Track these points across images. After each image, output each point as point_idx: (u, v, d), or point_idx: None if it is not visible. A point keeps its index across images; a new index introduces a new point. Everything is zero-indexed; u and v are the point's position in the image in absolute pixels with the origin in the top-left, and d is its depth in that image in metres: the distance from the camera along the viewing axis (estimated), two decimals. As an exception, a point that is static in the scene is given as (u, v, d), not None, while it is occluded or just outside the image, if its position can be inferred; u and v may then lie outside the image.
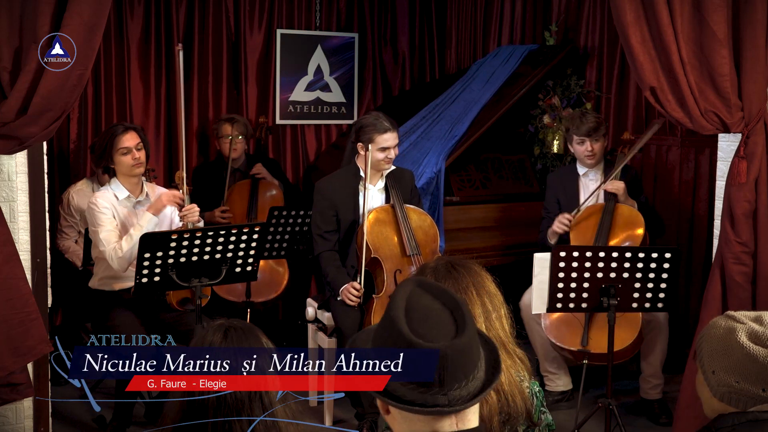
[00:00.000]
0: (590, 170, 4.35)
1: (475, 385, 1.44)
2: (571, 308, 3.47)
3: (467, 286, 2.09)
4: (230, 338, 1.79)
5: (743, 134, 3.34)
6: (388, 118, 4.04)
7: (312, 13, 5.97)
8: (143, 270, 3.43)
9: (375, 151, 3.97)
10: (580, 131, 4.25)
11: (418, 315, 1.43)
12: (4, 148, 3.05)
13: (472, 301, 2.07)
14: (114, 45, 5.29)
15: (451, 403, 1.40)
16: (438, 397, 1.39)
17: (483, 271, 2.15)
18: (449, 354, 1.38)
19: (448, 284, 2.07)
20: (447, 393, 1.40)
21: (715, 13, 3.24)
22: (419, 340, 1.39)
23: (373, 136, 3.96)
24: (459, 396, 1.40)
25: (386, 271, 3.93)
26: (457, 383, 1.40)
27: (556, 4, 5.55)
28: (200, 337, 1.82)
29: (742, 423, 1.79)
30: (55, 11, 2.97)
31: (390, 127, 3.98)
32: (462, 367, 1.41)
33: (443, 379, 1.39)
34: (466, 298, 2.07)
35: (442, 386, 1.39)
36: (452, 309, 1.45)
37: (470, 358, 1.43)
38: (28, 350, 3.11)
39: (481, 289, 2.10)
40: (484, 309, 2.08)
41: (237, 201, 5.09)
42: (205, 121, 5.64)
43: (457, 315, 1.44)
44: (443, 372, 1.38)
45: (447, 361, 1.38)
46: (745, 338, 1.80)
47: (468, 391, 1.42)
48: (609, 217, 4.11)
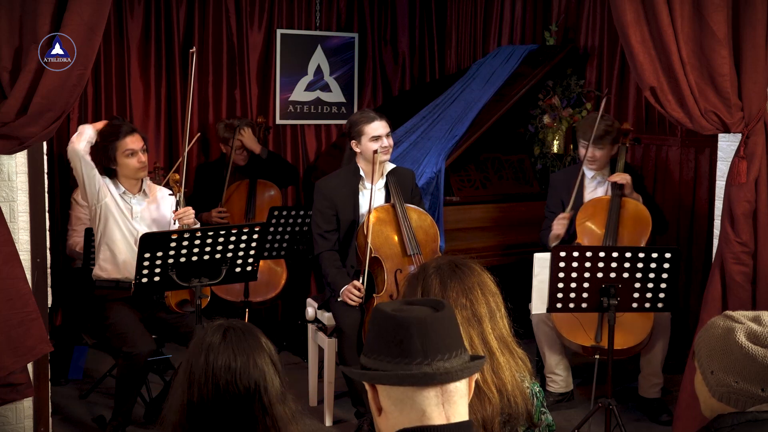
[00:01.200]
0: (597, 173, 4.35)
1: (459, 362, 1.47)
2: (571, 308, 3.47)
3: (473, 285, 2.08)
4: (229, 338, 1.79)
5: (743, 134, 3.34)
6: (374, 110, 4.12)
7: (312, 13, 5.97)
8: (143, 270, 3.43)
9: (367, 142, 3.98)
10: (585, 136, 4.25)
11: (402, 305, 1.52)
12: (4, 148, 3.05)
13: (478, 301, 2.06)
14: (114, 45, 5.29)
15: (437, 372, 1.43)
16: (423, 366, 1.43)
17: (484, 271, 2.15)
18: (429, 322, 1.45)
19: (454, 284, 2.06)
20: (431, 363, 1.44)
21: (715, 13, 3.24)
22: (399, 314, 1.46)
23: (362, 128, 3.99)
24: (443, 368, 1.44)
25: (387, 270, 3.93)
26: (439, 354, 1.44)
27: (556, 4, 5.55)
28: (199, 338, 1.82)
29: (741, 423, 1.78)
30: (55, 11, 2.97)
31: (377, 117, 4.02)
32: (443, 340, 1.46)
33: (426, 349, 1.44)
34: (472, 297, 2.06)
35: (426, 355, 1.43)
36: (433, 303, 1.52)
37: (451, 334, 1.48)
38: (28, 350, 3.11)
39: (485, 288, 2.10)
40: (489, 308, 2.08)
41: (235, 201, 5.10)
42: (205, 121, 5.64)
43: (437, 305, 1.51)
44: (425, 340, 1.44)
45: (426, 329, 1.44)
46: (744, 338, 1.80)
47: (452, 365, 1.45)
48: (616, 212, 4.13)
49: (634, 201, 4.17)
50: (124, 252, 3.90)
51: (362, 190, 4.08)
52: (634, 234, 4.13)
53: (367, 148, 3.99)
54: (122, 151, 3.85)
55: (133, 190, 3.96)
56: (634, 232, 4.14)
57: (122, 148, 3.84)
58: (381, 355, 1.46)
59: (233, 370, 1.74)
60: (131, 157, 3.86)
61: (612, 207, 4.16)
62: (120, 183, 3.93)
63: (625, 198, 4.18)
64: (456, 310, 2.01)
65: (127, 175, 3.91)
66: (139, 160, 3.87)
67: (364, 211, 4.03)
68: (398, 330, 1.45)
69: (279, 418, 1.77)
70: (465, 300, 2.05)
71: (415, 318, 1.45)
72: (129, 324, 3.73)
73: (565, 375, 4.27)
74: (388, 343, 1.45)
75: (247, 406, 1.74)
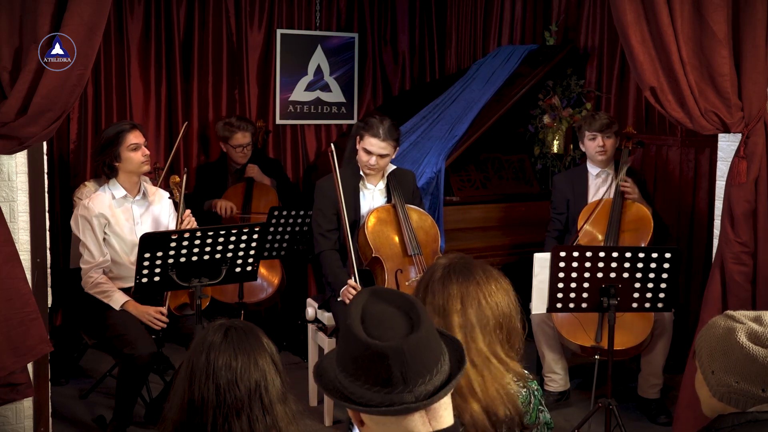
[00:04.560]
0: (602, 171, 4.37)
1: (441, 378, 1.43)
2: (571, 308, 3.47)
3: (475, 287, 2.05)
4: (230, 338, 1.78)
5: (743, 134, 3.34)
6: (391, 127, 3.94)
7: (312, 13, 5.97)
8: (143, 270, 3.43)
9: (360, 149, 3.97)
10: (593, 127, 4.30)
11: (373, 320, 1.43)
12: (4, 148, 3.05)
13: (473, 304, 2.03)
14: (114, 45, 5.29)
15: (418, 400, 1.40)
16: (404, 395, 1.39)
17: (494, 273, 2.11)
18: (406, 350, 1.38)
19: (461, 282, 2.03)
20: (412, 390, 1.39)
21: (715, 13, 3.24)
22: (375, 342, 1.39)
23: (363, 134, 3.96)
24: (425, 391, 1.40)
25: (387, 270, 3.93)
26: (420, 378, 1.40)
27: (556, 4, 5.55)
28: (201, 337, 1.82)
29: (741, 423, 1.78)
30: (55, 11, 2.97)
31: (381, 135, 3.90)
32: (422, 363, 1.41)
33: (406, 377, 1.39)
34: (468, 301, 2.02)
35: (406, 384, 1.39)
36: (407, 310, 1.45)
37: (430, 353, 1.42)
38: (28, 350, 3.11)
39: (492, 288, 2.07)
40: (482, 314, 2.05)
41: (232, 202, 5.08)
42: (205, 121, 5.64)
43: (412, 314, 1.44)
44: (404, 369, 1.38)
45: (405, 357, 1.38)
46: (745, 338, 1.80)
47: (434, 385, 1.42)
48: (618, 214, 4.14)
49: (636, 203, 4.17)
50: (125, 258, 3.91)
51: (363, 190, 4.08)
52: (636, 236, 4.13)
53: (359, 154, 3.99)
54: (127, 146, 3.86)
55: (132, 192, 3.96)
56: (635, 233, 4.14)
57: (127, 142, 3.86)
58: (359, 380, 1.41)
59: (234, 369, 1.74)
60: (135, 151, 3.87)
61: (614, 209, 4.16)
62: (120, 184, 3.93)
63: (627, 200, 4.19)
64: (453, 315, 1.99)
65: (131, 170, 3.91)
66: (144, 153, 3.89)
67: (365, 212, 4.03)
68: (374, 359, 1.39)
69: (280, 417, 1.77)
70: (459, 304, 1.99)
71: (391, 348, 1.38)
72: (129, 325, 3.73)
73: (563, 374, 4.28)
74: (366, 370, 1.40)
75: (248, 405, 1.74)
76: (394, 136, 3.96)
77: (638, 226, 4.15)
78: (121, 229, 3.91)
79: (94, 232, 3.85)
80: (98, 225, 3.86)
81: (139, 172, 3.93)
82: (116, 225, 3.90)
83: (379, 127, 3.91)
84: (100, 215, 3.86)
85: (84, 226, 3.86)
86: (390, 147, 3.95)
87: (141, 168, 3.91)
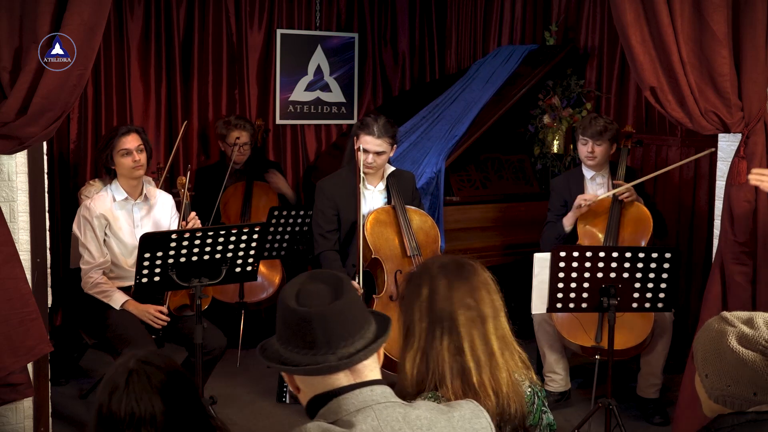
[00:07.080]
0: (597, 174, 4.36)
1: (363, 343, 1.59)
2: (571, 308, 3.47)
3: (478, 285, 2.04)
4: (131, 385, 1.74)
5: (743, 134, 3.34)
6: (386, 124, 3.95)
7: (312, 13, 5.97)
8: (143, 270, 3.43)
9: (358, 148, 3.97)
10: (586, 132, 4.29)
11: (305, 294, 1.60)
12: (4, 148, 3.05)
13: (483, 301, 2.03)
14: (114, 45, 5.29)
15: (341, 359, 1.55)
16: (328, 356, 1.55)
17: (485, 270, 2.13)
18: (328, 314, 1.55)
19: (460, 284, 2.04)
20: (335, 351, 1.56)
21: (715, 13, 3.23)
22: (302, 308, 1.56)
23: (359, 133, 3.97)
24: (347, 353, 1.56)
25: (387, 271, 3.93)
26: (342, 341, 1.56)
27: (556, 4, 5.55)
28: (109, 375, 1.79)
29: (741, 423, 1.78)
30: (55, 11, 2.97)
31: (376, 132, 3.90)
32: (345, 328, 1.57)
33: (329, 340, 1.55)
34: (478, 297, 2.02)
35: (330, 346, 1.55)
36: (334, 285, 1.62)
37: (352, 319, 1.58)
38: (28, 350, 3.11)
39: (490, 287, 2.08)
40: (494, 308, 2.06)
41: (231, 202, 5.08)
42: (205, 121, 5.64)
43: (338, 288, 1.61)
44: (327, 332, 1.55)
45: (327, 321, 1.55)
46: (735, 342, 1.78)
47: (356, 348, 1.57)
48: (617, 214, 4.14)
49: (636, 203, 4.18)
50: (123, 261, 3.91)
51: (363, 191, 4.08)
52: (635, 236, 4.13)
53: (358, 153, 3.99)
54: (117, 151, 3.87)
55: (133, 194, 3.96)
56: (635, 233, 4.14)
57: (118, 147, 3.87)
58: (290, 345, 1.58)
59: (135, 416, 1.72)
60: (126, 157, 3.87)
61: (613, 208, 4.16)
62: (121, 186, 3.93)
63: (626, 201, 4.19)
64: (461, 311, 2.00)
65: (125, 175, 3.92)
66: (134, 159, 3.87)
67: (365, 212, 4.03)
68: (301, 324, 1.56)
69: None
70: (471, 300, 2.01)
71: (315, 313, 1.55)
72: (129, 325, 3.73)
73: (564, 374, 4.28)
74: (294, 334, 1.57)
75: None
76: (390, 133, 3.96)
77: (638, 225, 4.15)
78: (120, 231, 3.91)
79: (94, 232, 3.85)
80: (99, 226, 3.86)
81: (130, 177, 3.92)
82: (116, 227, 3.90)
83: (373, 125, 3.92)
84: (100, 216, 3.87)
85: (85, 227, 3.86)
86: (386, 144, 3.95)
87: (132, 173, 3.91)
